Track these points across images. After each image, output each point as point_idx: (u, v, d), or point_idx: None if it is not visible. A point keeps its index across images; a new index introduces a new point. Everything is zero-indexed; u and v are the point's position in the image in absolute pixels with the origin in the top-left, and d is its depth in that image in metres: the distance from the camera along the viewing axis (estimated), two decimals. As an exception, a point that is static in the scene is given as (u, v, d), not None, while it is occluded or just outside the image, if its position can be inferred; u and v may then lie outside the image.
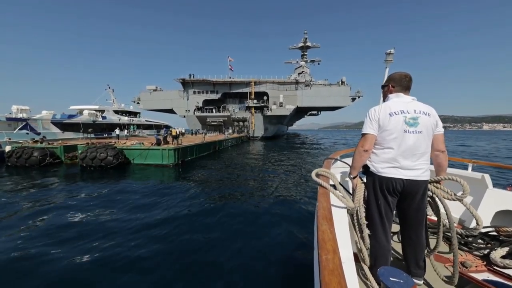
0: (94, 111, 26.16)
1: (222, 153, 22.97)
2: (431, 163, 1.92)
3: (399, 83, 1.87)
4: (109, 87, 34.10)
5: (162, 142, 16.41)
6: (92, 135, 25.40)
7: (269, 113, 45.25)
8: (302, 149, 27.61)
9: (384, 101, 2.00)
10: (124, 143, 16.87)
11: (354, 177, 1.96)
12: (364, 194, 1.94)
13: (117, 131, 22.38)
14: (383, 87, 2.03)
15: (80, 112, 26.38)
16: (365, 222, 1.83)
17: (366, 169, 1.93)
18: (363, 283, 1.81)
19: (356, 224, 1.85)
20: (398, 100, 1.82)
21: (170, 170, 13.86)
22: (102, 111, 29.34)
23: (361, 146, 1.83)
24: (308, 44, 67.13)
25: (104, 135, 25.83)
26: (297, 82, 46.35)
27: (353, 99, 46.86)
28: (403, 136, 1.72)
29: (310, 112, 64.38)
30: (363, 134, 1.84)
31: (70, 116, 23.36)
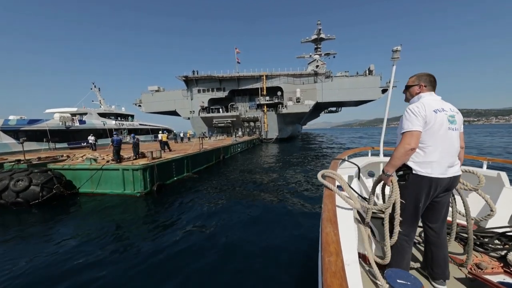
0: (68, 115, 21.04)
1: (228, 163, 16.97)
2: None
3: (430, 83, 1.82)
4: (95, 86, 29.15)
5: (134, 156, 10.58)
6: (66, 145, 20.41)
7: (284, 110, 38.90)
8: (327, 153, 21.19)
9: (407, 100, 1.95)
10: (83, 156, 11.19)
11: (390, 175, 1.80)
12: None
13: (90, 138, 16.96)
14: (409, 86, 1.91)
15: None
16: (400, 218, 1.74)
17: (407, 170, 1.78)
18: (373, 284, 1.74)
19: (385, 222, 1.78)
20: (434, 99, 1.77)
21: (136, 205, 8.01)
22: (84, 114, 24.40)
23: (408, 144, 1.67)
24: (322, 36, 60.14)
25: (82, 144, 20.69)
26: (316, 74, 39.70)
27: (384, 91, 39.49)
28: (447, 134, 1.69)
29: (329, 109, 57.32)
30: (409, 131, 1.69)
31: (32, 122, 18.28)
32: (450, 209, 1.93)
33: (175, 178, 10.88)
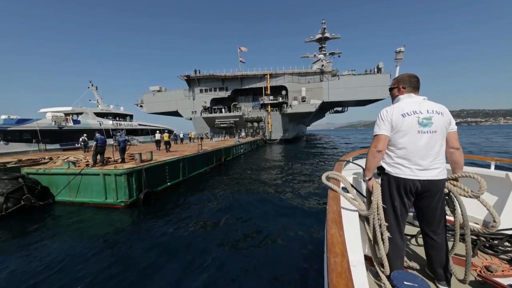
0: (61, 114, 19.90)
1: (230, 166, 15.62)
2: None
3: (409, 84, 1.83)
4: (92, 85, 28.10)
5: (121, 158, 9.24)
6: (58, 146, 19.30)
7: (289, 110, 37.46)
8: (334, 154, 19.67)
9: (393, 102, 1.94)
10: (66, 159, 9.91)
11: (369, 179, 1.87)
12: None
13: (82, 139, 15.78)
14: (391, 89, 1.97)
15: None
16: (386, 224, 1.74)
17: (381, 170, 1.86)
18: (378, 287, 1.75)
19: (375, 227, 1.74)
20: (410, 101, 1.78)
21: (117, 218, 6.70)
22: (80, 114, 23.33)
23: (374, 147, 1.78)
24: (327, 35, 58.56)
25: (77, 145, 19.55)
26: (322, 72, 38.20)
27: (394, 89, 37.71)
28: (416, 137, 1.69)
29: (335, 109, 55.68)
30: (376, 135, 1.80)
31: (21, 121, 17.15)
32: (448, 211, 1.93)
33: (169, 184, 9.53)
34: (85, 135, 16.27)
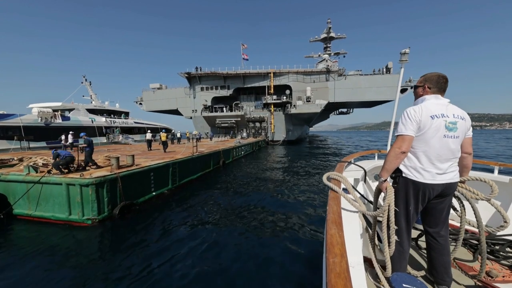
0: (49, 110, 18.50)
1: (229, 170, 14.12)
2: None
3: (436, 85, 1.73)
4: (86, 79, 26.71)
5: (82, 163, 7.64)
6: (44, 144, 17.93)
7: (293, 110, 35.82)
8: (340, 155, 18.08)
9: (415, 101, 1.85)
10: (25, 160, 8.44)
11: (385, 180, 1.76)
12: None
13: (69, 137, 14.39)
14: (416, 87, 1.86)
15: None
16: (395, 227, 1.67)
17: (397, 173, 1.77)
18: None
19: (384, 229, 1.68)
20: (437, 102, 1.69)
21: (83, 239, 5.24)
22: (71, 110, 21.94)
23: (398, 148, 1.66)
24: (332, 34, 57.13)
25: (66, 144, 18.15)
26: (328, 72, 36.56)
27: (403, 91, 36.14)
28: (442, 141, 1.63)
29: (340, 110, 54.02)
30: (401, 135, 1.68)
31: (2, 117, 15.72)
32: (454, 213, 1.90)
33: (154, 194, 8.06)
34: (71, 132, 14.85)
